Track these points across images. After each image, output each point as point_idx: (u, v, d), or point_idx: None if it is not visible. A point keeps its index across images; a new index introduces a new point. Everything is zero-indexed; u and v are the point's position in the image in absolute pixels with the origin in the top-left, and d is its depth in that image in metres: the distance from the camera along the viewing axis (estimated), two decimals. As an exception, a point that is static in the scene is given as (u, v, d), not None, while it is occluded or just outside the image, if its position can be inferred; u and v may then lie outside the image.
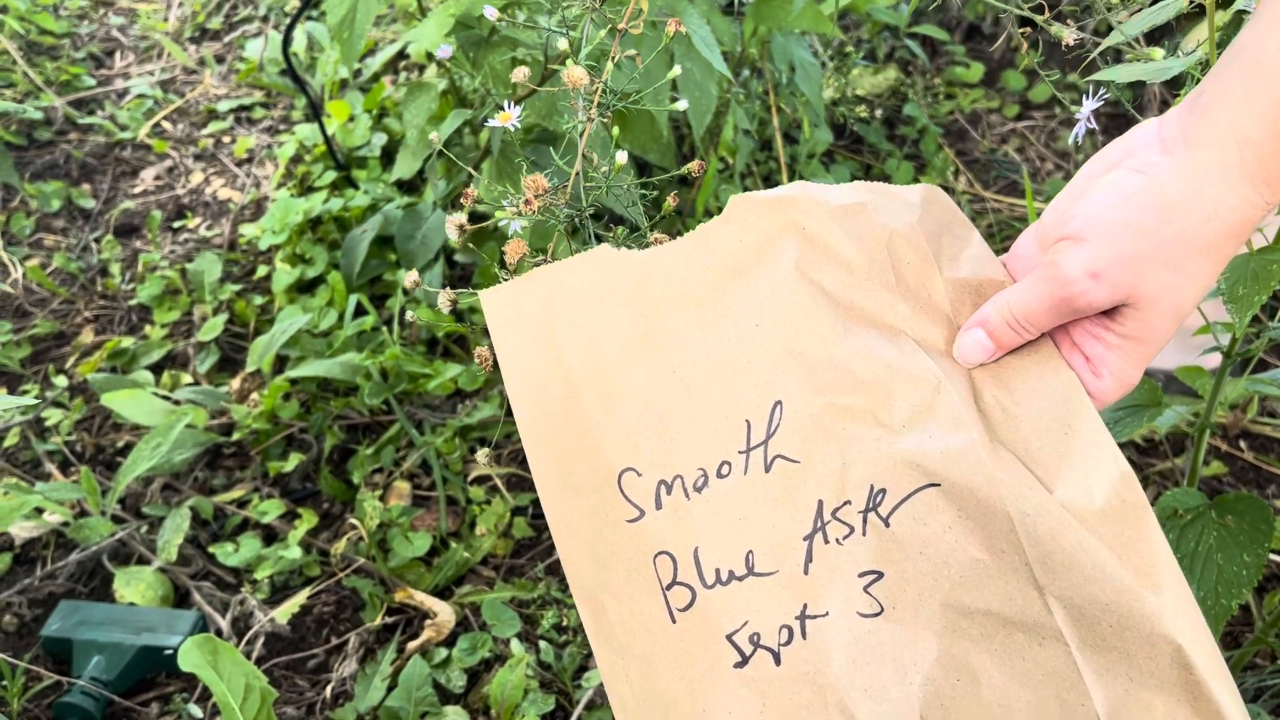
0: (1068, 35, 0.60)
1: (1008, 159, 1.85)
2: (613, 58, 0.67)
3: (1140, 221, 0.49)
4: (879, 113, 1.93)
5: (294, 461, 1.31)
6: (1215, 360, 1.24)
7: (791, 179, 1.68)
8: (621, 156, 0.63)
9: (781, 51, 1.55)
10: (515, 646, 1.09)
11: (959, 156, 1.86)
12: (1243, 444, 1.29)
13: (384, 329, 1.45)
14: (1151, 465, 1.27)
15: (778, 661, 0.50)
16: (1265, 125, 0.46)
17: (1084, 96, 0.67)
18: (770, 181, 1.71)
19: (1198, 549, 0.80)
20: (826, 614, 0.51)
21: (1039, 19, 0.66)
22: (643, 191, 0.69)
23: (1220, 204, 0.48)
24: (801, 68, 1.55)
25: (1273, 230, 0.72)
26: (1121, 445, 1.28)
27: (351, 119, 1.83)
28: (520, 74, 0.71)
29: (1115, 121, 1.83)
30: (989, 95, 2.01)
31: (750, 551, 0.51)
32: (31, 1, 2.24)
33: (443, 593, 1.17)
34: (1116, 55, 0.75)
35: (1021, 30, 0.68)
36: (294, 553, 1.18)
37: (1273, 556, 1.12)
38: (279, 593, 1.18)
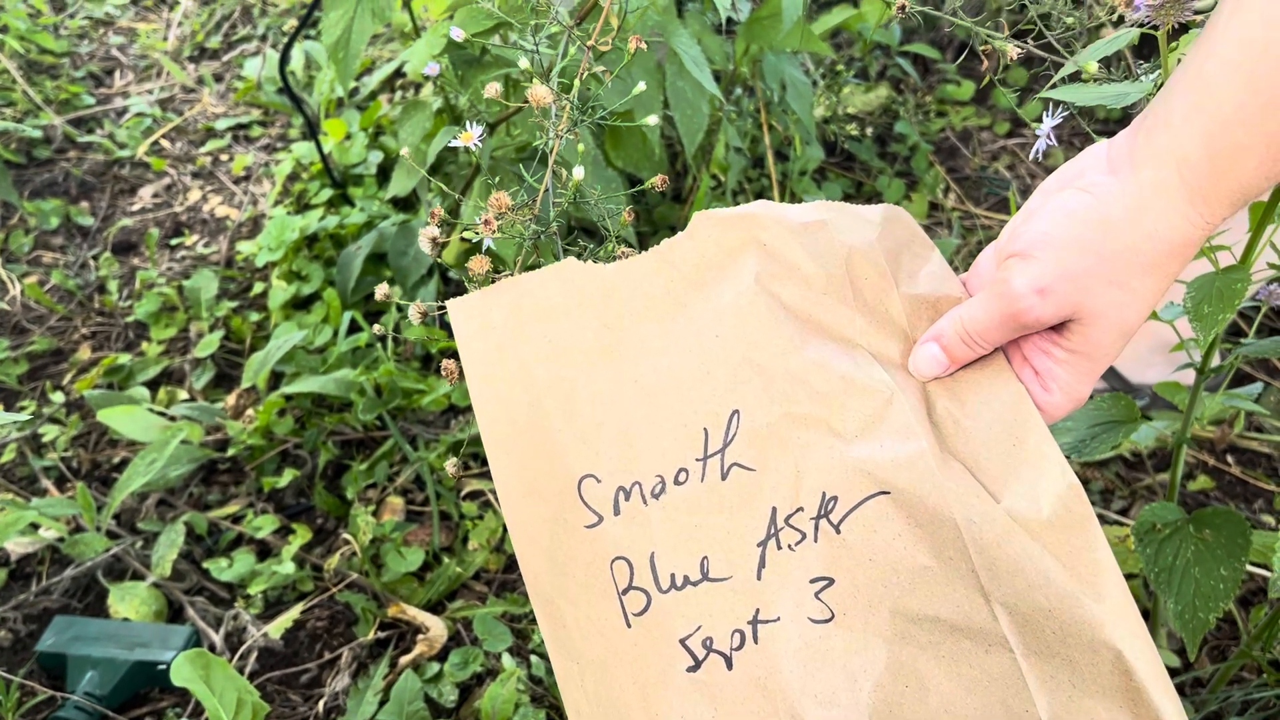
0: (1011, 50, 0.62)
1: (998, 175, 1.86)
2: (581, 75, 0.68)
3: (1085, 239, 0.50)
4: (870, 130, 1.95)
5: (288, 477, 1.32)
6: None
7: (783, 196, 1.70)
8: (578, 172, 0.64)
9: (773, 70, 1.57)
10: (506, 661, 1.10)
11: (950, 173, 1.88)
12: (1230, 459, 1.30)
13: (378, 345, 1.46)
14: (1139, 480, 1.28)
15: (729, 666, 0.51)
16: (1203, 146, 0.48)
17: (1044, 115, 0.69)
18: (762, 198, 1.72)
19: (1175, 563, 0.81)
20: (778, 619, 0.52)
21: (991, 35, 0.68)
22: (633, 205, 0.71)
23: (1161, 223, 0.49)
24: (793, 86, 1.57)
25: (1240, 249, 0.73)
26: (1108, 461, 1.29)
27: (348, 137, 1.84)
28: (493, 89, 0.72)
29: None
30: (980, 113, 2.03)
31: (705, 557, 0.53)
32: (31, 21, 2.26)
33: (435, 608, 1.18)
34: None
35: (984, 48, 0.69)
36: (287, 568, 1.19)
37: (1259, 571, 1.12)
38: (272, 608, 1.19)
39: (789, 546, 0.53)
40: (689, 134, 1.36)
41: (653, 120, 0.72)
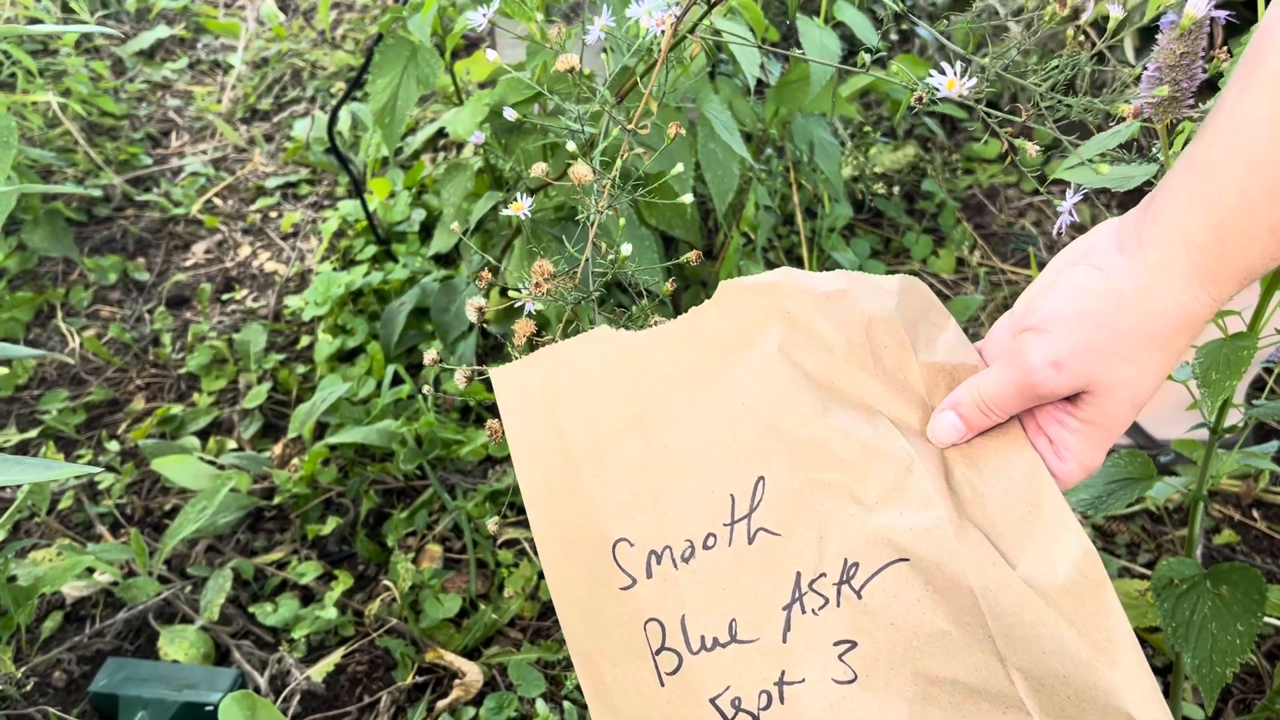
0: (1030, 148, 0.66)
1: (1025, 232, 1.90)
2: (623, 154, 0.73)
3: (1097, 315, 0.53)
4: (898, 187, 1.99)
5: (332, 525, 1.36)
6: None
7: (812, 252, 1.74)
8: (626, 248, 0.68)
9: (802, 132, 1.62)
10: (540, 707, 1.13)
11: (977, 230, 1.91)
12: (1255, 513, 1.31)
13: (419, 397, 1.51)
14: (1164, 534, 1.29)
15: None
16: (1209, 228, 0.50)
17: (1066, 193, 0.72)
18: (792, 254, 1.77)
19: (1193, 618, 0.82)
20: (803, 680, 0.53)
21: (1009, 118, 0.72)
22: (665, 263, 0.75)
23: (1169, 300, 0.52)
24: (821, 147, 1.62)
25: (1249, 314, 0.76)
26: (1134, 515, 1.30)
27: (392, 195, 1.92)
28: (539, 169, 0.76)
29: (1133, 197, 1.87)
30: (1007, 170, 2.06)
31: (733, 620, 0.55)
32: (93, 85, 2.37)
33: (471, 653, 1.21)
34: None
35: (1006, 130, 0.73)
36: (330, 613, 1.23)
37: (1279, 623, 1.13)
38: (315, 652, 1.23)
39: (813, 611, 0.55)
40: (720, 194, 1.41)
41: (688, 199, 0.76)
